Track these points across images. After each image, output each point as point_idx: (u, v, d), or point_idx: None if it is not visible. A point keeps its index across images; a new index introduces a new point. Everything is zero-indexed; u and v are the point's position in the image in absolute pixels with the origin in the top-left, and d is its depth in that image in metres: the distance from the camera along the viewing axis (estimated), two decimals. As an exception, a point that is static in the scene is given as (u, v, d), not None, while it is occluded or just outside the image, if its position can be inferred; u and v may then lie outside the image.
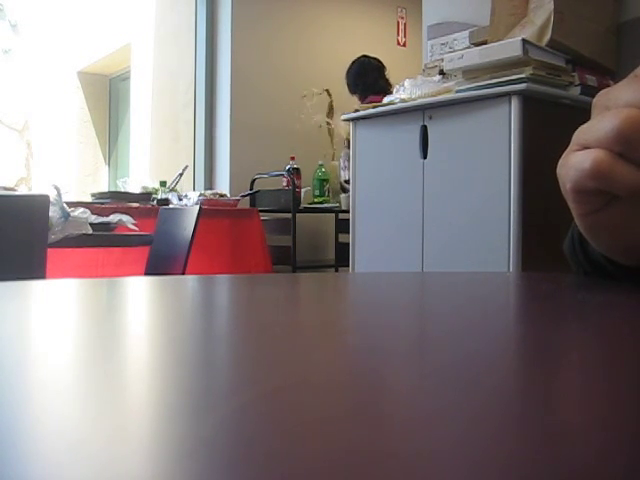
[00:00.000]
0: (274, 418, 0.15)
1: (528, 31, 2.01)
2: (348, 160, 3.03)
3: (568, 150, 0.36)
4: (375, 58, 3.61)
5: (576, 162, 0.35)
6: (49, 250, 1.77)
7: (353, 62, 3.61)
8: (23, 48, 6.39)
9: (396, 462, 0.12)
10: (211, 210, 3.05)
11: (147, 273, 2.44)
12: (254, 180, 3.89)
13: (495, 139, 1.88)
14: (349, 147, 2.79)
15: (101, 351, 0.24)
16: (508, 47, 1.88)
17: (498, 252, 1.85)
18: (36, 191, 4.77)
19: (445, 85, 2.11)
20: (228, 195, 3.67)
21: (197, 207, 2.35)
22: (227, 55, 4.07)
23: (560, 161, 0.37)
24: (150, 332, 0.29)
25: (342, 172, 3.82)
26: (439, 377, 0.19)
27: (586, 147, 0.35)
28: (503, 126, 1.85)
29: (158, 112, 4.91)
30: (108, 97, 6.11)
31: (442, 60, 2.20)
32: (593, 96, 0.37)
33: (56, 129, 6.08)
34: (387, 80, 3.47)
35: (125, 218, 2.22)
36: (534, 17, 2.04)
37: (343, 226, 3.38)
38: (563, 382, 0.19)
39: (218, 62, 4.16)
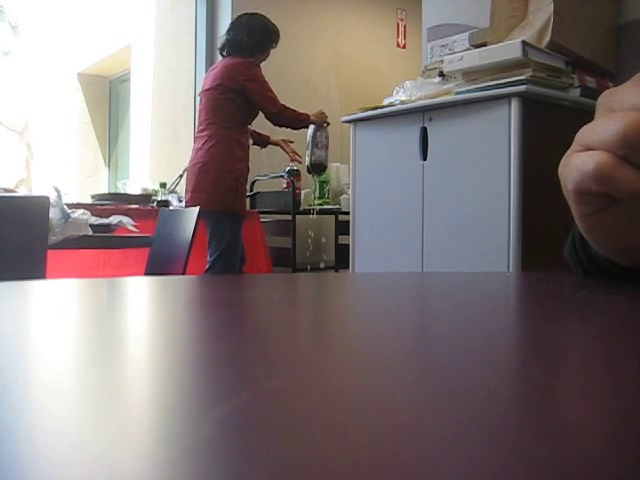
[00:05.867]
0: (274, 418, 0.15)
1: (528, 33, 2.01)
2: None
3: (571, 150, 0.36)
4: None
5: (579, 163, 0.35)
6: (49, 252, 1.77)
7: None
8: (23, 50, 6.40)
9: (396, 461, 0.12)
10: (211, 211, 3.04)
11: (147, 274, 2.44)
12: (254, 182, 3.89)
13: (495, 141, 1.88)
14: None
15: (101, 351, 0.24)
16: (508, 49, 1.89)
17: (498, 252, 1.85)
18: (36, 192, 4.77)
19: (445, 87, 2.11)
20: (228, 196, 3.67)
21: (197, 208, 2.35)
22: (227, 57, 4.06)
23: (562, 161, 0.37)
24: (150, 332, 0.29)
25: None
26: (439, 377, 0.19)
27: (589, 148, 0.34)
28: (503, 128, 1.85)
29: (158, 114, 4.92)
30: (108, 99, 6.12)
31: (442, 62, 2.21)
32: (593, 98, 0.37)
33: (56, 131, 6.09)
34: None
35: (125, 219, 2.22)
36: (534, 19, 2.04)
37: (343, 228, 3.38)
38: (563, 382, 0.19)
39: (218, 64, 4.16)
